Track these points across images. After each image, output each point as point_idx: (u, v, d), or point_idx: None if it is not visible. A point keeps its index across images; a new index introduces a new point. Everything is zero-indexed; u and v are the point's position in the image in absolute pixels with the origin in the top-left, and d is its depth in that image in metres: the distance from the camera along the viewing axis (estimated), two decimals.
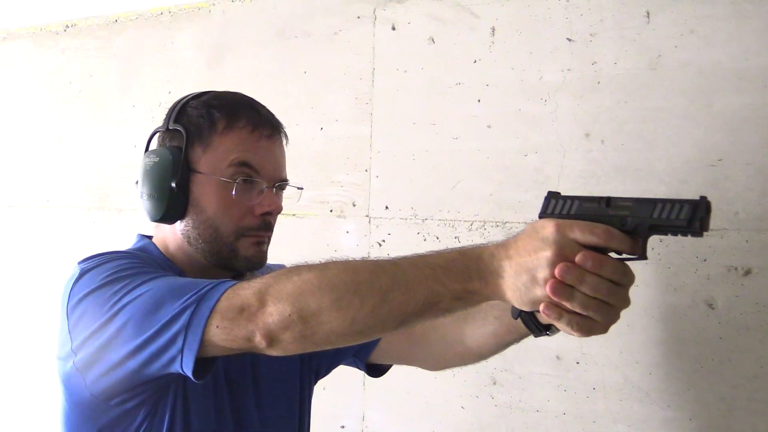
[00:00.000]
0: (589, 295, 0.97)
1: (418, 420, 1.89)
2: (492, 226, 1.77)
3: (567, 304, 0.97)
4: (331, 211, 2.02)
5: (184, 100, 1.38)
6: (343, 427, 1.99)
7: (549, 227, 0.98)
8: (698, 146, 1.55)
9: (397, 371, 1.63)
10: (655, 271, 1.59)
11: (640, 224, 0.98)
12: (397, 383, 1.86)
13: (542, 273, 0.97)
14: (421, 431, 1.88)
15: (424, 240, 1.86)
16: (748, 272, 1.51)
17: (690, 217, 0.94)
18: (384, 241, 1.93)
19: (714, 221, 1.51)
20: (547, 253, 0.97)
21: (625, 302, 1.02)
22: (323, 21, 2.05)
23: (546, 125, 1.71)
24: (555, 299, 0.97)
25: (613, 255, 1.00)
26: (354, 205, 1.98)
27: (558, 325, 1.01)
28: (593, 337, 1.63)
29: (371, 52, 1.96)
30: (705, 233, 0.96)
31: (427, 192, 1.87)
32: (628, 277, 1.00)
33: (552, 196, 1.08)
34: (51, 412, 1.38)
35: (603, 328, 1.01)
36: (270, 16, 2.14)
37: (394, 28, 1.93)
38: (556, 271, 0.96)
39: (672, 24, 1.58)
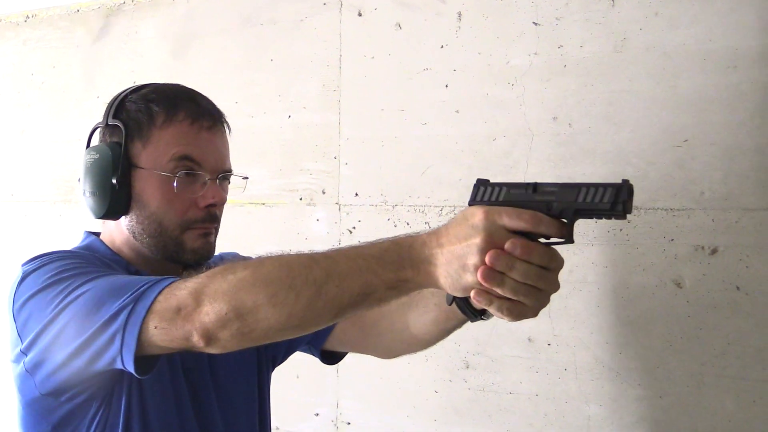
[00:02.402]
0: (519, 281, 0.99)
1: (393, 406, 1.89)
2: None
3: (498, 290, 0.99)
4: (300, 199, 2.01)
5: (123, 94, 1.37)
6: (317, 414, 1.99)
7: (478, 214, 1.00)
8: (664, 127, 1.57)
9: (370, 358, 1.63)
10: (623, 251, 1.61)
11: (566, 209, 1.01)
12: (371, 370, 1.87)
13: (472, 259, 0.99)
14: (396, 416, 1.89)
15: (395, 226, 1.86)
16: (714, 251, 1.53)
17: (613, 200, 0.97)
18: (354, 228, 1.93)
19: (680, 201, 1.55)
20: (476, 240, 0.99)
21: (554, 286, 1.04)
22: (289, 8, 2.03)
23: (514, 109, 1.72)
24: (486, 285, 0.99)
25: (542, 240, 1.02)
26: (323, 193, 1.98)
27: (489, 309, 1.03)
28: (564, 319, 1.66)
29: (338, 39, 1.96)
30: (628, 215, 0.99)
31: (396, 178, 1.87)
32: (557, 262, 1.03)
33: (481, 184, 1.10)
34: (9, 413, 1.37)
35: (533, 312, 1.04)
36: (235, 4, 2.12)
37: (360, 15, 1.92)
38: (487, 258, 0.98)
39: (636, 7, 1.60)
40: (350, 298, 1.04)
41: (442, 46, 1.81)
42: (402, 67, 1.86)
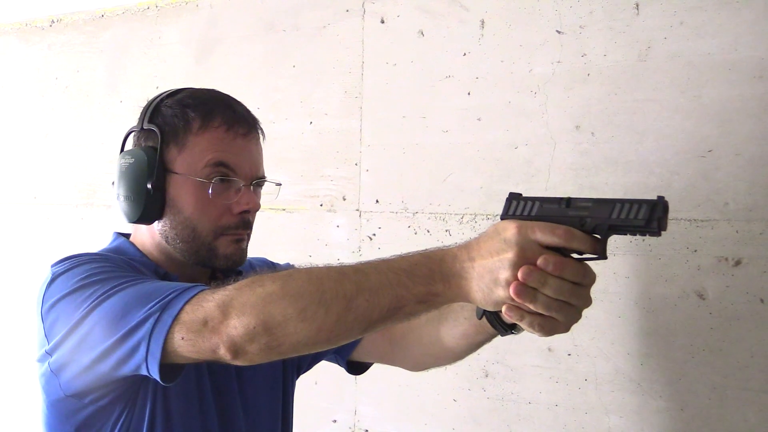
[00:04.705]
0: (552, 297, 0.99)
1: (411, 413, 1.89)
2: (483, 219, 1.77)
3: (530, 306, 0.99)
4: (321, 205, 2.01)
5: (159, 98, 1.37)
6: (335, 421, 1.99)
7: (511, 229, 1.00)
8: (688, 137, 1.56)
9: (389, 365, 1.62)
10: (646, 262, 1.60)
11: (600, 224, 1.00)
12: (389, 377, 1.86)
13: (504, 274, 0.99)
14: (414, 425, 1.88)
15: (415, 233, 1.86)
16: (738, 262, 1.51)
17: (648, 217, 0.96)
18: (374, 234, 1.92)
19: (704, 211, 1.53)
20: (509, 255, 0.99)
21: (587, 302, 1.03)
22: (312, 14, 2.04)
23: (536, 117, 1.71)
24: (518, 301, 0.99)
25: (575, 256, 1.02)
26: (344, 199, 1.98)
27: (521, 324, 1.03)
28: (585, 329, 1.65)
29: (360, 46, 1.96)
30: (663, 233, 0.97)
31: (417, 185, 1.87)
32: (589, 278, 1.02)
33: (513, 198, 1.09)
34: (33, 411, 1.37)
35: (565, 328, 1.03)
36: (258, 10, 2.13)
37: (383, 22, 1.92)
38: (519, 274, 0.98)
39: (661, 15, 1.59)
40: (380, 312, 1.04)
41: (464, 54, 1.81)
42: (424, 75, 1.86)
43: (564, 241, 0.99)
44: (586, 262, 1.02)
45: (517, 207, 1.07)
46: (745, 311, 1.51)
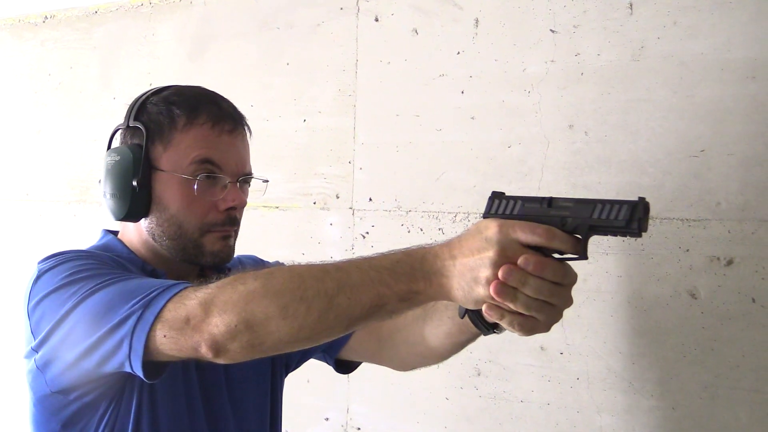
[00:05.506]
0: (531, 296, 0.99)
1: (403, 412, 1.89)
2: (476, 218, 1.77)
3: (510, 305, 0.99)
4: (314, 203, 2.01)
5: (145, 96, 1.37)
6: (327, 419, 1.99)
7: (492, 227, 1.00)
8: (681, 137, 1.56)
9: None
10: (638, 261, 1.60)
11: (580, 224, 1.00)
12: (382, 375, 1.86)
13: (485, 273, 0.99)
14: (406, 423, 1.88)
15: (408, 232, 1.86)
16: (730, 262, 1.52)
17: (628, 218, 0.96)
18: (368, 233, 1.92)
19: (696, 211, 1.54)
20: (489, 253, 0.99)
21: (567, 301, 1.04)
22: (306, 12, 2.04)
23: (529, 117, 1.71)
24: (498, 300, 0.99)
25: (556, 255, 1.02)
26: (337, 197, 1.97)
27: (501, 323, 1.03)
28: (577, 328, 1.65)
29: (354, 44, 1.96)
30: (643, 233, 0.98)
31: (410, 184, 1.87)
32: (570, 278, 1.02)
33: (496, 196, 1.10)
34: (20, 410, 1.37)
35: (545, 327, 1.04)
36: (252, 8, 2.12)
37: (377, 20, 1.92)
38: (500, 273, 0.98)
39: (655, 15, 1.59)
40: (362, 310, 1.04)
41: (458, 53, 1.81)
42: (418, 73, 1.86)
43: (545, 241, 0.99)
44: (567, 262, 1.02)
45: (499, 206, 1.08)
46: (737, 311, 1.51)
